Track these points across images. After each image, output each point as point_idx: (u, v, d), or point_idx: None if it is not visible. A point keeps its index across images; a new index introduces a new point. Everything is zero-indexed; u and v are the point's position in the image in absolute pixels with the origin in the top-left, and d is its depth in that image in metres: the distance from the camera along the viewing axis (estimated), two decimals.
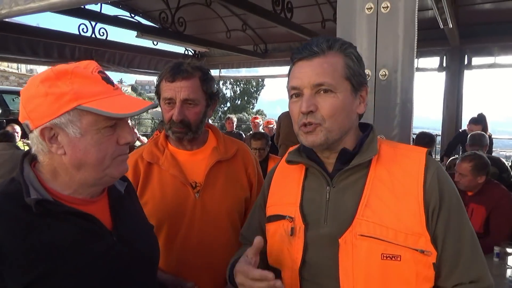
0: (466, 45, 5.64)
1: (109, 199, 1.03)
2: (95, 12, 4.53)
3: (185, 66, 1.41)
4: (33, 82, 0.88)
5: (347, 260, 0.93)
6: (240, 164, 1.57)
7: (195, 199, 1.43)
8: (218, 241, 1.45)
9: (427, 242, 0.91)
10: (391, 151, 1.01)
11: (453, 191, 0.97)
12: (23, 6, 1.76)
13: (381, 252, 0.91)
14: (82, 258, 0.88)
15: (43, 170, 0.93)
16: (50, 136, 0.87)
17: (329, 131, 0.96)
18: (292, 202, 1.06)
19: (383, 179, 0.96)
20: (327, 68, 0.95)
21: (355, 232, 0.93)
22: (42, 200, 0.85)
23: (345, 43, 1.00)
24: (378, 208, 0.94)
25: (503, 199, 2.84)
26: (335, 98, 0.95)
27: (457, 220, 0.95)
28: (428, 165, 0.97)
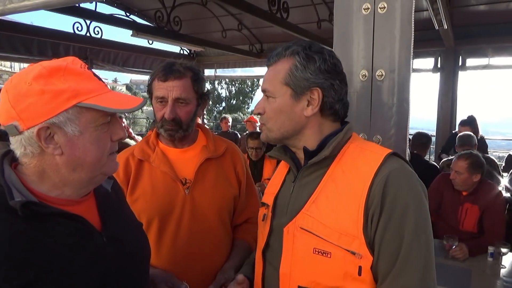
0: (461, 46, 5.67)
1: (96, 198, 1.00)
2: (90, 11, 4.50)
3: (177, 66, 1.44)
4: (23, 80, 0.82)
5: (288, 248, 1.03)
6: (229, 162, 1.60)
7: (185, 195, 1.45)
8: (208, 236, 1.47)
9: (361, 245, 0.92)
10: (356, 151, 1.03)
11: (401, 197, 0.92)
12: (17, 4, 1.74)
13: (313, 246, 0.97)
14: (72, 260, 0.85)
15: (27, 172, 0.88)
16: (46, 136, 0.83)
17: (269, 131, 1.08)
18: (272, 192, 1.18)
19: (336, 178, 1.00)
20: (270, 75, 1.07)
21: (298, 224, 1.02)
22: (27, 202, 0.80)
23: (296, 48, 1.04)
24: (322, 206, 0.99)
25: (497, 199, 2.87)
26: (273, 102, 1.05)
27: (396, 229, 0.91)
28: (381, 167, 0.95)
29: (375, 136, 1.28)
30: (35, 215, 0.82)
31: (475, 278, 2.32)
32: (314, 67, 1.02)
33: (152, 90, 1.46)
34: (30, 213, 0.80)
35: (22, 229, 0.80)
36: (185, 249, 1.44)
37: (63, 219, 0.86)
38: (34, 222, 0.82)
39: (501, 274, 2.42)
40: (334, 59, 1.06)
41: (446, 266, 2.48)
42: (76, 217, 0.88)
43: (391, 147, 1.22)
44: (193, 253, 1.44)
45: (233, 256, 1.55)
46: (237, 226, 1.64)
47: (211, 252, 1.48)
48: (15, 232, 0.79)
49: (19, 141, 0.84)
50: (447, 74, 5.82)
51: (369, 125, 1.28)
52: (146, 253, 1.11)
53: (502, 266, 2.49)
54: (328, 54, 1.05)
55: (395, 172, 0.95)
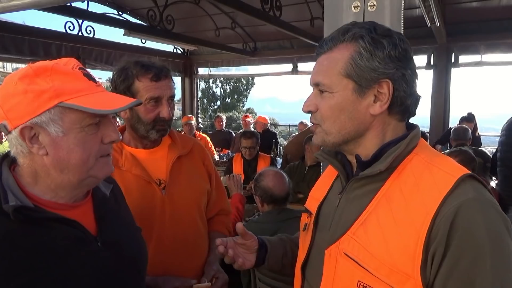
0: (453, 43, 5.70)
1: (94, 203, 0.98)
2: (82, 10, 4.46)
3: (159, 65, 1.43)
4: (10, 80, 0.83)
5: (329, 273, 0.89)
6: (198, 158, 1.61)
7: (162, 196, 1.43)
8: (190, 233, 1.48)
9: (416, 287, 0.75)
10: (421, 167, 0.83)
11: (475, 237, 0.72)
12: (6, 3, 1.72)
13: (358, 278, 0.81)
14: (66, 266, 0.83)
15: (23, 174, 0.88)
16: (31, 136, 0.83)
17: (326, 134, 0.90)
18: (317, 198, 1.03)
19: (393, 198, 0.82)
20: (325, 66, 0.88)
21: (341, 248, 0.86)
22: (21, 206, 0.80)
23: (360, 31, 0.85)
24: (372, 231, 0.82)
25: None
26: (331, 98, 0.87)
27: (464, 276, 0.72)
28: (453, 194, 0.75)
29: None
30: (29, 220, 0.81)
31: None
32: (383, 54, 0.83)
33: (137, 91, 1.39)
34: (23, 218, 0.80)
35: (15, 233, 0.79)
36: (170, 248, 1.43)
37: (57, 224, 0.85)
38: (27, 226, 0.81)
39: None
40: (405, 43, 0.86)
41: None
42: (71, 221, 0.87)
43: None
44: (179, 251, 1.44)
45: (213, 249, 1.54)
46: (210, 218, 1.66)
47: (195, 247, 1.49)
48: (7, 237, 0.79)
49: (11, 141, 0.85)
50: (440, 71, 5.84)
51: None
52: (143, 259, 1.09)
53: None
54: (399, 38, 0.85)
55: (470, 202, 0.74)
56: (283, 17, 4.77)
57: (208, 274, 1.43)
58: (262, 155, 4.28)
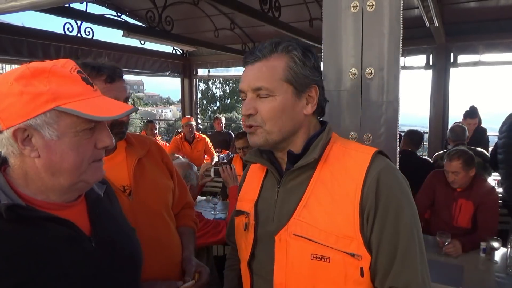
0: (452, 43, 5.70)
1: (87, 203, 0.97)
2: (81, 11, 4.46)
3: (112, 65, 1.35)
4: (6, 79, 0.81)
5: (281, 257, 0.99)
6: (157, 157, 1.56)
7: (130, 203, 1.37)
8: (163, 233, 1.45)
9: (359, 246, 0.92)
10: (341, 151, 1.01)
11: (393, 195, 0.94)
12: (4, 4, 1.72)
13: (311, 252, 0.94)
14: (59, 266, 0.82)
15: (14, 175, 0.86)
16: (23, 138, 0.81)
17: (268, 133, 0.99)
18: (251, 199, 1.12)
19: (325, 180, 0.98)
20: (265, 72, 0.97)
21: (290, 231, 0.97)
22: (13, 205, 0.79)
23: (290, 45, 1.00)
24: (315, 210, 0.96)
25: (490, 194, 2.89)
26: (273, 101, 0.97)
27: (393, 226, 0.92)
28: (371, 167, 0.95)
29: (365, 135, 1.28)
30: (21, 219, 0.80)
31: (468, 274, 2.34)
32: (310, 64, 1.00)
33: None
34: (15, 217, 0.79)
35: (7, 232, 0.78)
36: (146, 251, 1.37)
37: (51, 223, 0.84)
38: (20, 226, 0.80)
39: (493, 269, 2.43)
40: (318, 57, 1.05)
41: (438, 262, 2.50)
42: (64, 221, 0.86)
43: (381, 145, 1.23)
44: (155, 253, 1.39)
45: (186, 244, 1.55)
46: (176, 214, 1.63)
47: (170, 246, 1.47)
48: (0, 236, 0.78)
49: (1, 141, 0.83)
50: (439, 71, 5.85)
51: (359, 123, 1.28)
52: (139, 259, 1.08)
53: (495, 262, 2.51)
54: (315, 53, 1.03)
55: (384, 170, 0.95)
56: (282, 17, 4.78)
57: (189, 271, 1.40)
58: None
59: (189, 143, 6.05)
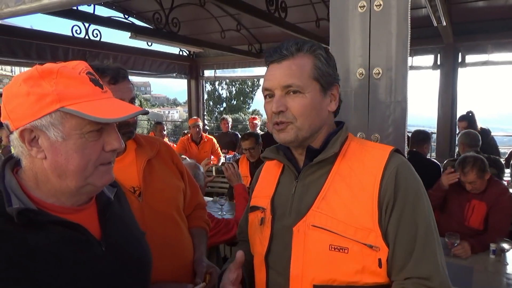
0: (460, 42, 5.66)
1: (98, 207, 0.97)
2: (89, 14, 4.51)
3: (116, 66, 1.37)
4: (16, 80, 0.82)
5: (298, 248, 1.01)
6: (167, 157, 1.57)
7: (140, 204, 1.38)
8: (173, 234, 1.45)
9: (377, 238, 0.94)
10: (358, 148, 1.06)
11: (410, 188, 0.97)
12: (14, 8, 1.74)
13: (329, 243, 0.96)
14: (69, 270, 0.82)
15: (25, 177, 0.86)
16: (30, 139, 0.81)
17: (300, 129, 1.02)
18: (267, 195, 1.15)
19: (344, 174, 1.01)
20: (295, 70, 1.01)
21: (308, 222, 1.00)
22: (24, 209, 0.79)
23: (314, 45, 1.04)
24: (333, 202, 0.99)
25: (503, 196, 2.86)
26: (303, 98, 1.01)
27: (410, 217, 0.95)
28: (389, 162, 0.99)
29: (373, 135, 1.27)
30: (33, 223, 0.80)
31: (477, 275, 2.31)
32: (332, 63, 1.06)
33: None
34: (27, 221, 0.79)
35: (19, 237, 0.78)
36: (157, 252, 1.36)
37: (61, 228, 0.84)
38: (31, 230, 0.80)
39: (504, 271, 2.40)
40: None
41: (447, 263, 2.45)
42: (75, 225, 0.86)
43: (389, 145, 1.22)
44: (165, 254, 1.39)
45: (198, 245, 1.55)
46: (188, 215, 1.63)
47: (180, 247, 1.46)
48: (10, 240, 0.78)
49: (12, 141, 0.84)
50: (447, 71, 5.80)
51: (367, 123, 1.28)
52: (148, 263, 1.08)
53: (505, 263, 2.47)
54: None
55: (402, 165, 0.99)
56: (288, 18, 4.77)
57: (200, 273, 1.40)
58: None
59: (196, 144, 6.06)
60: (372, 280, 0.95)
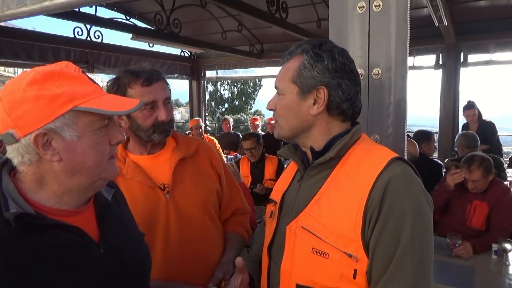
0: (462, 42, 5.64)
1: (96, 208, 0.96)
2: (90, 15, 4.52)
3: (150, 69, 1.43)
4: (17, 86, 0.81)
5: (289, 246, 1.05)
6: (204, 159, 1.58)
7: (166, 201, 1.41)
8: (198, 235, 1.45)
9: (358, 248, 0.92)
10: (361, 154, 1.02)
11: (399, 202, 0.90)
12: (15, 10, 1.74)
13: (312, 246, 0.98)
14: (68, 273, 0.82)
15: (25, 180, 0.85)
16: (44, 143, 0.81)
17: (281, 128, 1.09)
18: (281, 190, 1.19)
19: (340, 180, 1.00)
20: (281, 73, 1.07)
21: (300, 223, 1.03)
22: (22, 214, 0.78)
23: (306, 46, 1.04)
24: (324, 207, 1.00)
25: (505, 196, 2.85)
26: (282, 99, 1.07)
27: (391, 234, 0.89)
28: (383, 172, 0.94)
29: (373, 135, 1.27)
30: (30, 227, 0.80)
31: (479, 276, 2.30)
32: (321, 65, 1.01)
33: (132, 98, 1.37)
34: (25, 225, 0.78)
35: (16, 241, 0.78)
36: (177, 253, 1.41)
37: (60, 231, 0.84)
38: (28, 234, 0.79)
39: (506, 271, 2.39)
40: (344, 57, 1.03)
41: (449, 264, 2.46)
42: (73, 228, 0.86)
43: (389, 146, 1.21)
44: (186, 255, 1.42)
45: (228, 250, 1.54)
46: (226, 219, 1.64)
47: (204, 250, 1.46)
48: (8, 244, 0.77)
49: (16, 150, 0.82)
50: (449, 70, 5.79)
51: (367, 124, 1.28)
52: (147, 264, 1.08)
53: (507, 264, 2.46)
54: (338, 53, 1.02)
55: (397, 177, 0.93)
56: (290, 19, 4.77)
57: (215, 278, 1.40)
58: (269, 157, 4.22)
59: None
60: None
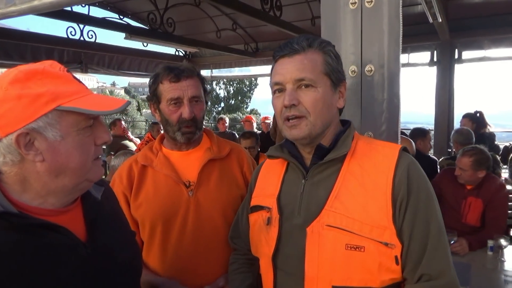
0: (456, 39, 5.64)
1: (83, 207, 0.95)
2: (83, 15, 4.48)
3: (185, 66, 1.45)
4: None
5: (313, 249, 0.98)
6: (235, 163, 1.58)
7: (188, 198, 1.43)
8: (214, 238, 1.45)
9: (392, 235, 0.94)
10: (366, 147, 1.05)
11: (422, 186, 0.98)
12: (4, 9, 1.72)
13: (345, 242, 0.95)
14: (53, 274, 0.80)
15: (8, 181, 0.83)
16: (26, 143, 0.79)
17: (313, 125, 1.01)
18: (271, 194, 1.12)
19: (355, 173, 1.00)
20: (307, 64, 1.00)
21: (323, 222, 0.98)
22: (4, 212, 0.77)
23: (324, 41, 1.05)
24: (347, 200, 0.98)
25: (499, 192, 2.85)
26: (316, 92, 1.00)
27: (424, 215, 0.96)
28: (400, 161, 0.99)
29: (367, 133, 1.26)
30: (14, 227, 0.78)
31: (475, 272, 2.30)
32: (340, 61, 1.06)
33: (160, 94, 1.44)
34: (7, 225, 0.77)
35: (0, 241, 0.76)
36: (190, 252, 1.42)
37: (44, 230, 0.82)
38: (12, 233, 0.78)
39: (501, 268, 2.40)
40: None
41: None
42: (59, 228, 0.84)
43: None
44: (198, 256, 1.42)
45: None
46: None
47: (217, 254, 1.45)
48: None
49: None
50: (444, 67, 5.79)
51: (360, 121, 1.27)
52: (137, 263, 1.06)
53: (503, 260, 2.47)
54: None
55: (412, 164, 1.00)
56: (284, 17, 4.75)
57: (215, 284, 1.40)
58: (263, 156, 4.23)
59: None
60: (388, 277, 0.95)
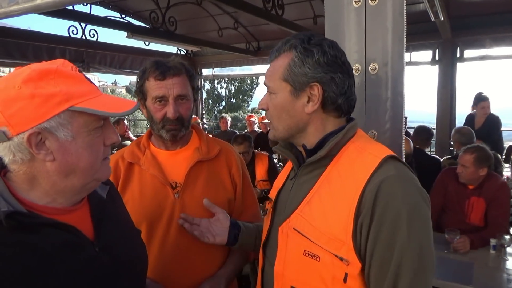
0: (458, 37, 5.64)
1: (90, 206, 0.95)
2: (85, 14, 4.49)
3: (172, 63, 1.39)
4: (12, 83, 0.79)
5: (282, 247, 1.02)
6: (223, 165, 1.53)
7: (174, 200, 1.39)
8: (197, 242, 1.39)
9: (349, 251, 0.88)
10: (355, 152, 0.97)
11: (393, 205, 0.85)
12: (7, 8, 1.72)
13: (304, 248, 0.95)
14: (62, 273, 0.81)
15: (16, 180, 0.83)
16: (37, 142, 0.79)
17: (275, 129, 1.04)
18: (276, 187, 1.18)
19: (331, 180, 0.96)
20: (270, 71, 1.02)
21: (291, 224, 1.00)
22: (13, 212, 0.76)
23: (295, 41, 0.99)
24: (315, 207, 0.96)
25: (501, 190, 2.85)
26: (274, 98, 1.01)
27: (387, 238, 0.85)
28: (376, 172, 0.89)
29: (370, 131, 1.25)
30: (22, 226, 0.78)
31: (478, 271, 2.31)
32: (312, 61, 0.96)
33: (146, 91, 1.39)
34: (16, 224, 0.77)
35: (8, 241, 0.77)
36: (173, 255, 1.38)
37: (53, 229, 0.82)
38: (21, 233, 0.78)
39: (504, 266, 2.40)
40: (335, 50, 0.98)
41: (448, 259, 2.47)
42: (66, 226, 0.84)
43: (386, 141, 1.20)
44: (182, 260, 1.39)
45: (227, 263, 1.49)
46: None
47: (202, 258, 1.42)
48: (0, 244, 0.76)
49: (7, 148, 0.80)
50: (445, 66, 5.78)
51: (364, 120, 1.26)
52: (143, 262, 1.07)
53: (505, 259, 2.47)
54: (328, 46, 0.97)
55: (390, 178, 0.87)
56: (286, 15, 4.76)
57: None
58: (259, 155, 4.15)
59: None
60: None
